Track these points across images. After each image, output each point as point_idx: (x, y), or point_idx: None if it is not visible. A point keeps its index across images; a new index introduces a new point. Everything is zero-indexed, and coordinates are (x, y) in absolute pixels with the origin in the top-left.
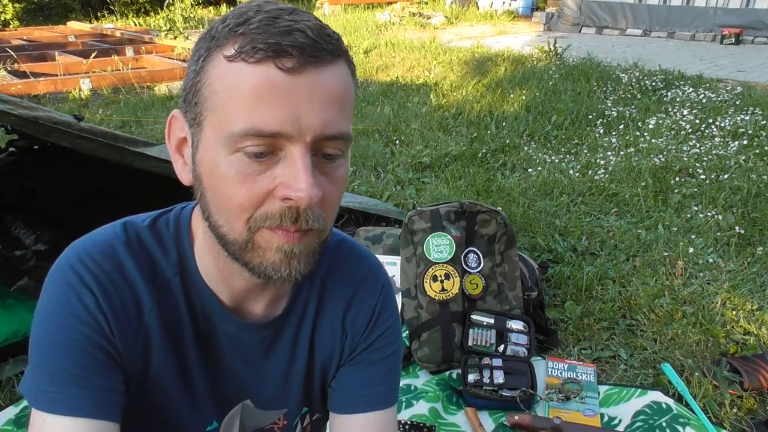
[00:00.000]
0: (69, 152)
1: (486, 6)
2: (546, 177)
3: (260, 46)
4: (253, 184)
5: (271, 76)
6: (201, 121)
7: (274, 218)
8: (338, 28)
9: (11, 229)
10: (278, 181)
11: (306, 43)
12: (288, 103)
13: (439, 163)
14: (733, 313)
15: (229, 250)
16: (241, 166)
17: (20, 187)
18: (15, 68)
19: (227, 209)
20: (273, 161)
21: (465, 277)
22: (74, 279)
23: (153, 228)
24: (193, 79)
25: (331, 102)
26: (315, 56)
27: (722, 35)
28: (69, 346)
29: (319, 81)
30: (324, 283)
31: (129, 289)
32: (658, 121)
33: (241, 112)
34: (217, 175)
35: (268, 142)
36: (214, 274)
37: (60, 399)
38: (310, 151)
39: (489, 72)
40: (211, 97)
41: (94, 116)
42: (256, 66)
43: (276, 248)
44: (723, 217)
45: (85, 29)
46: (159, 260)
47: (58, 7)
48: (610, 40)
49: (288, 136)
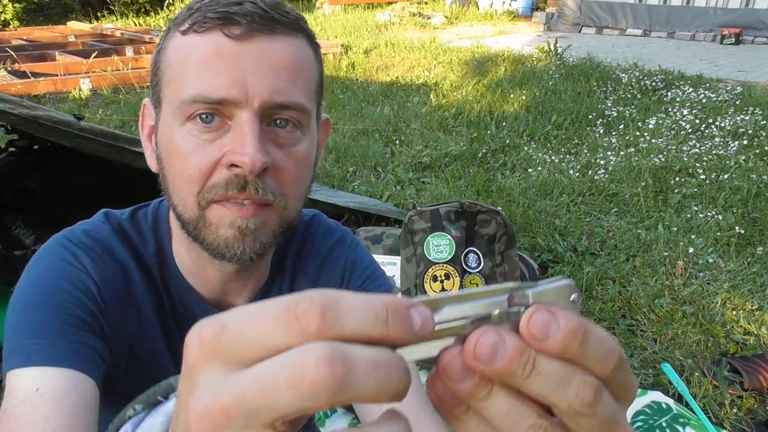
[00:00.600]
0: (69, 152)
1: (486, 6)
2: (546, 177)
3: (210, 16)
4: (202, 154)
5: (218, 44)
6: (161, 99)
7: (220, 187)
8: (338, 28)
9: (11, 229)
10: (226, 149)
11: (255, 11)
12: (235, 68)
13: (439, 163)
14: (733, 313)
15: (187, 231)
16: (191, 137)
17: (20, 187)
18: (15, 68)
19: (180, 184)
20: (223, 130)
21: (465, 277)
22: (65, 253)
23: (132, 219)
24: (155, 59)
25: (280, 69)
26: (265, 25)
27: (722, 35)
28: (54, 304)
29: (268, 48)
30: (295, 264)
31: (119, 265)
32: (658, 121)
33: (190, 80)
34: (171, 149)
35: (215, 108)
36: (190, 267)
37: (37, 350)
38: (258, 118)
39: (489, 72)
40: (167, 71)
41: (94, 116)
42: (205, 35)
43: (228, 223)
44: (723, 217)
45: (85, 29)
46: (140, 249)
47: (58, 7)
48: (610, 40)
49: (236, 102)
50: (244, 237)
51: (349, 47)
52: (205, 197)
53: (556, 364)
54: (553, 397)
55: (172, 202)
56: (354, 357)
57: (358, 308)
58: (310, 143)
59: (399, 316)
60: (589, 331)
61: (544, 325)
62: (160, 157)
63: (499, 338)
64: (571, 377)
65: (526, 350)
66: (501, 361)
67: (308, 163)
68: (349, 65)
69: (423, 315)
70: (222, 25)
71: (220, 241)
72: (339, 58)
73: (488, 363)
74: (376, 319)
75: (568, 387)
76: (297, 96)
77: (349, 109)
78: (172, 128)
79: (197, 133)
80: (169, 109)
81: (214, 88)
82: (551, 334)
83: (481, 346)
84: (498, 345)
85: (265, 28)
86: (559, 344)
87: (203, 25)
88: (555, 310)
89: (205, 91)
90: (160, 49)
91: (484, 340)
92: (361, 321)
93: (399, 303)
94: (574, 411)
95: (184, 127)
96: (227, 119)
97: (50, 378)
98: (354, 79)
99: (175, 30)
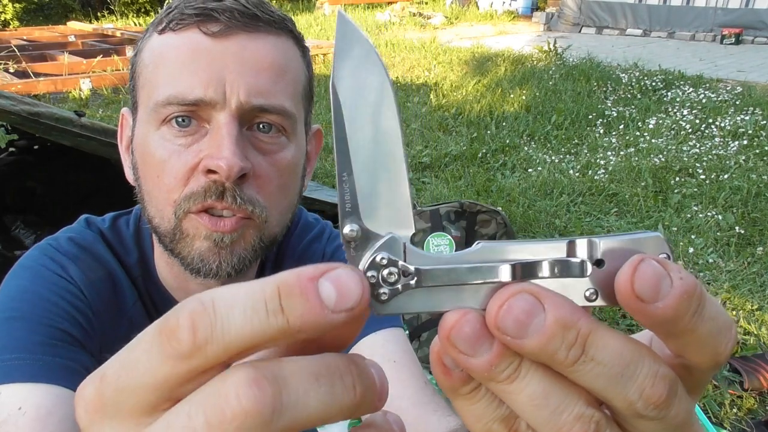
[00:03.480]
0: (69, 152)
1: (486, 6)
2: (546, 177)
3: (187, 13)
4: (178, 160)
5: (195, 41)
6: (137, 104)
7: (198, 196)
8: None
9: (11, 229)
10: (203, 154)
11: (235, 8)
12: (212, 67)
13: (439, 163)
14: (733, 313)
15: (164, 244)
16: (166, 142)
17: (20, 187)
18: (15, 68)
19: (156, 193)
20: (199, 135)
21: None
22: (50, 262)
23: (113, 228)
24: (132, 62)
25: (262, 69)
26: (246, 22)
27: (722, 35)
28: (39, 316)
29: (248, 46)
30: (275, 268)
31: (107, 273)
32: (658, 121)
33: (165, 81)
34: (146, 156)
35: (191, 110)
36: (171, 282)
37: (20, 365)
38: (237, 120)
39: (489, 72)
40: (143, 73)
41: (95, 116)
42: (182, 32)
43: (204, 236)
44: (723, 217)
45: (85, 29)
46: (123, 258)
47: (58, 7)
48: (610, 40)
49: (213, 104)
50: (220, 250)
51: None
52: (182, 207)
53: (617, 343)
54: (609, 393)
55: (149, 214)
56: (283, 372)
57: (240, 302)
58: (296, 152)
59: (297, 295)
60: (705, 294)
61: (655, 280)
62: (136, 166)
63: (534, 302)
64: (637, 365)
65: (574, 324)
66: (534, 335)
67: (294, 172)
68: None
69: (341, 282)
70: (200, 21)
71: (194, 255)
72: None
73: (515, 336)
74: (265, 309)
75: (630, 380)
76: (279, 98)
77: None
78: (147, 134)
79: (172, 138)
80: (144, 113)
81: (190, 88)
82: (663, 294)
83: (507, 312)
84: (532, 310)
85: (246, 26)
86: (672, 309)
87: (180, 22)
88: (666, 264)
89: (181, 92)
90: (137, 51)
91: (513, 303)
92: (246, 318)
93: (299, 277)
94: (635, 412)
95: (159, 131)
96: (205, 122)
97: (34, 395)
98: None
99: (153, 30)
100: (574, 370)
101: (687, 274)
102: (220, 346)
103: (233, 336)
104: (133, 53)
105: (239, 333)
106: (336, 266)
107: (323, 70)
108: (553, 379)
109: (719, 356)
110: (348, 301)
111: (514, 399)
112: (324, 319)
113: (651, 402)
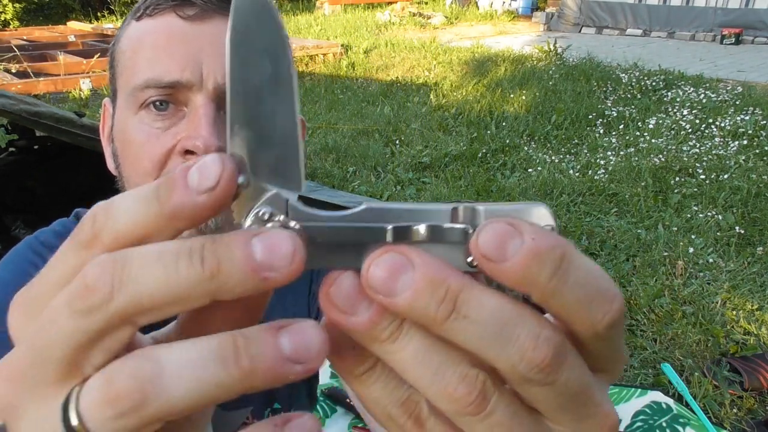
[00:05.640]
0: (69, 152)
1: (486, 6)
2: (546, 177)
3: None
4: (156, 142)
5: (171, 25)
6: (116, 91)
7: None
8: (338, 28)
9: (11, 229)
10: (180, 136)
11: None
12: (188, 50)
13: (439, 163)
14: (733, 313)
15: None
16: (144, 125)
17: (20, 187)
18: (15, 68)
19: (135, 178)
20: (177, 118)
21: None
22: (33, 257)
23: None
24: (110, 51)
25: None
26: (221, 5)
27: (722, 35)
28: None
29: (224, 29)
30: None
31: None
32: (658, 121)
33: (143, 65)
34: (125, 142)
35: (169, 93)
36: None
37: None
38: (214, 102)
39: (489, 72)
40: (121, 60)
41: (95, 116)
42: (158, 17)
43: None
44: (723, 217)
45: (85, 29)
46: None
47: (58, 7)
48: (610, 40)
49: (189, 86)
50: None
51: (349, 47)
52: None
53: (493, 302)
54: (488, 353)
55: None
56: (129, 252)
57: (129, 198)
58: None
59: (169, 181)
60: (572, 257)
61: (501, 239)
62: (116, 153)
63: (403, 260)
64: (516, 325)
65: (443, 281)
66: (403, 293)
67: None
68: (349, 65)
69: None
70: (176, 6)
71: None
72: (339, 58)
73: (386, 294)
74: (146, 199)
75: (509, 341)
76: None
77: (349, 109)
78: (127, 119)
79: (150, 122)
80: (123, 100)
81: (167, 71)
82: (510, 254)
83: (375, 269)
84: (400, 268)
85: (222, 9)
86: (520, 268)
87: (157, 7)
88: (519, 224)
89: (158, 75)
90: (115, 41)
91: (381, 260)
92: (131, 209)
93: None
94: (520, 376)
95: (138, 116)
96: (182, 106)
97: None
98: (354, 79)
99: (131, 18)
100: (448, 328)
101: (547, 236)
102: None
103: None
104: (112, 43)
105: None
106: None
107: (323, 70)
108: (435, 338)
109: (596, 327)
110: (208, 180)
111: (397, 359)
112: (189, 199)
113: (534, 364)
